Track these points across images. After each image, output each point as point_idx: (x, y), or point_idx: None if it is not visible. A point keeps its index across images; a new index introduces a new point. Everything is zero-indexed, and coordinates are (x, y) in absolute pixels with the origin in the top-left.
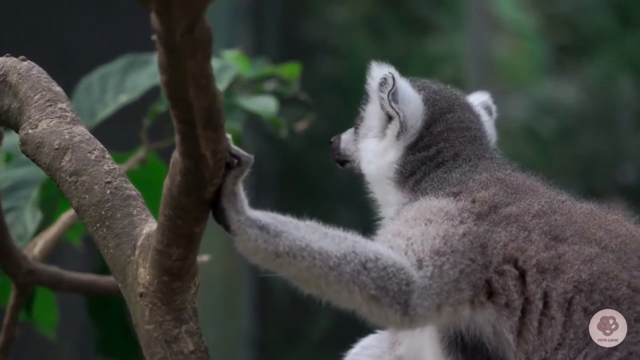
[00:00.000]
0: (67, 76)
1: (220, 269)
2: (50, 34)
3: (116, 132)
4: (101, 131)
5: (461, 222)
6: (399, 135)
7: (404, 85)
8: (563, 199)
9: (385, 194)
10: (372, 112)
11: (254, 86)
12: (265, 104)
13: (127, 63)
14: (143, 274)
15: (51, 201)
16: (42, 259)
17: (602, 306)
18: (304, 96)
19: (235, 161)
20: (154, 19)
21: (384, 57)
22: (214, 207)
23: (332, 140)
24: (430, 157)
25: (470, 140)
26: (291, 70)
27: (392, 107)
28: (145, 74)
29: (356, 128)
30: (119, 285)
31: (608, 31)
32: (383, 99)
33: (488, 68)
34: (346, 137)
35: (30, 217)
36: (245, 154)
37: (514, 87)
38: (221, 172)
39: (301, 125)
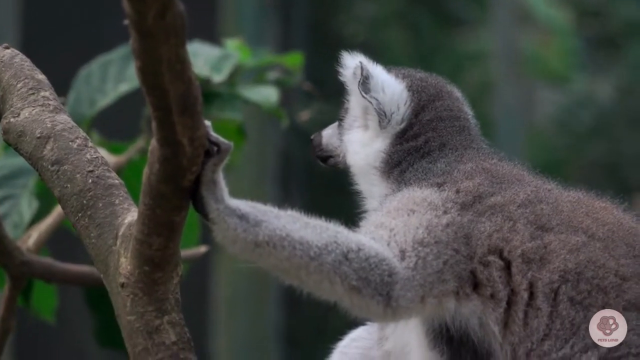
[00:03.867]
0: None
1: None
2: (87, 25)
3: (116, 122)
4: (101, 120)
5: (445, 212)
6: (381, 124)
7: (377, 73)
8: (549, 188)
9: (371, 185)
10: (354, 103)
11: (257, 76)
12: (266, 94)
13: (127, 52)
14: (124, 264)
15: (48, 190)
16: (37, 250)
17: (589, 295)
18: (307, 86)
19: (215, 148)
20: (125, 3)
21: (415, 52)
22: (193, 196)
23: (312, 137)
24: (417, 147)
25: (458, 130)
26: (294, 59)
27: (363, 96)
28: None
29: (340, 121)
30: (102, 275)
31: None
32: (355, 89)
33: (518, 62)
34: (328, 132)
35: (26, 206)
36: (225, 141)
37: (546, 82)
38: (200, 159)
39: (304, 116)
